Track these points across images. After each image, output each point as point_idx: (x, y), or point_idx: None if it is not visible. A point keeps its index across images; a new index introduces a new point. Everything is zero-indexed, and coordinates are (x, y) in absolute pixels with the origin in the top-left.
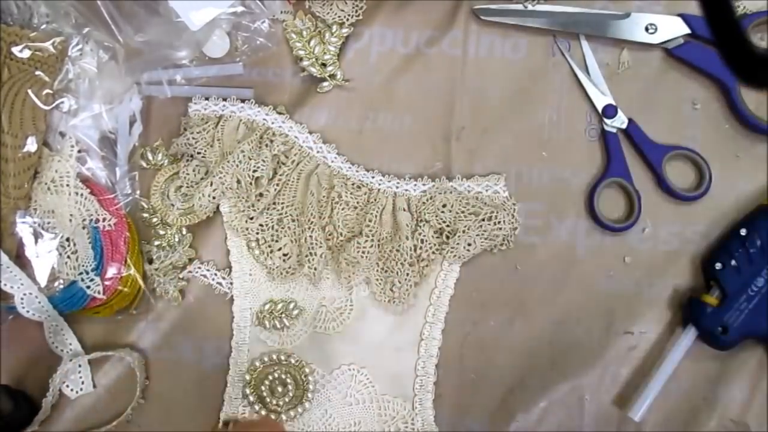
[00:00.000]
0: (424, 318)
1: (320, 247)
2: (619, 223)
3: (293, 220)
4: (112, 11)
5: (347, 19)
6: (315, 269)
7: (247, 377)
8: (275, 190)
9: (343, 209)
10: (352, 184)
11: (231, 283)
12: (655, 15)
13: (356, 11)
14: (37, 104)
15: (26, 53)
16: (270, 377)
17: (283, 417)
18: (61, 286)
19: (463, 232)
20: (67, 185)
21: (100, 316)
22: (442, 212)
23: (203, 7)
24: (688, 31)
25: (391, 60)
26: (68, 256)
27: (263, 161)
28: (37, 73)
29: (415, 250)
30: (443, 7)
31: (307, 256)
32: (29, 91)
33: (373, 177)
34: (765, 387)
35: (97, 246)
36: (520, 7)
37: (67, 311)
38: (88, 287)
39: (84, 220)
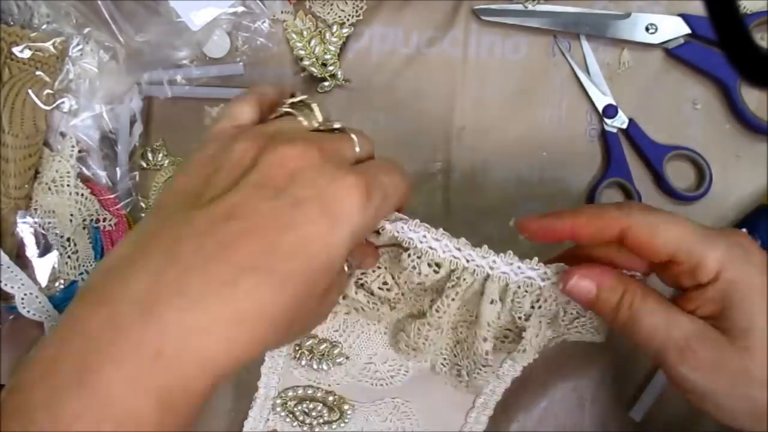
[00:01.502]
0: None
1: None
2: None
3: None
4: (112, 11)
5: (348, 19)
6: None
7: (278, 401)
8: None
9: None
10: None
11: None
12: (655, 15)
13: (356, 11)
14: (38, 104)
15: (27, 53)
16: (304, 403)
17: (316, 431)
18: (62, 286)
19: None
20: (68, 185)
21: None
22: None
23: (204, 7)
24: (688, 31)
25: (391, 60)
26: (69, 256)
27: None
28: (38, 73)
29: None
30: (443, 7)
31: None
32: (30, 92)
33: (459, 250)
34: None
35: (97, 246)
36: (520, 7)
37: None
38: None
39: (84, 220)
